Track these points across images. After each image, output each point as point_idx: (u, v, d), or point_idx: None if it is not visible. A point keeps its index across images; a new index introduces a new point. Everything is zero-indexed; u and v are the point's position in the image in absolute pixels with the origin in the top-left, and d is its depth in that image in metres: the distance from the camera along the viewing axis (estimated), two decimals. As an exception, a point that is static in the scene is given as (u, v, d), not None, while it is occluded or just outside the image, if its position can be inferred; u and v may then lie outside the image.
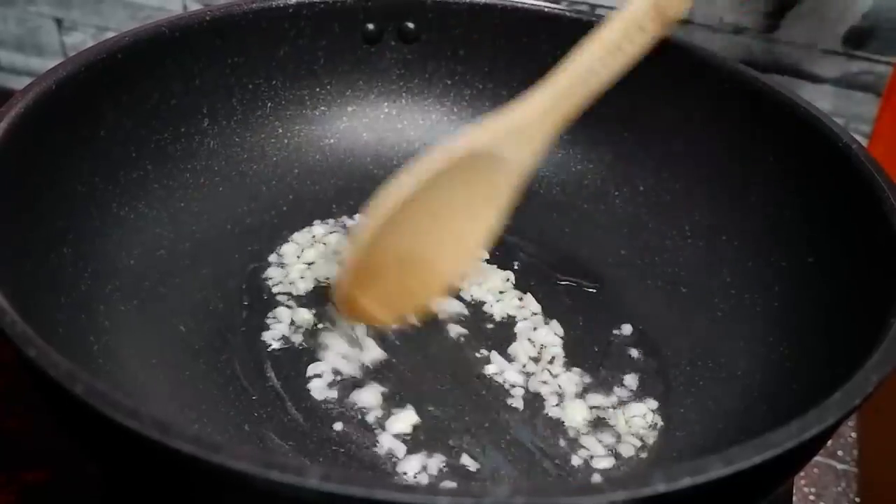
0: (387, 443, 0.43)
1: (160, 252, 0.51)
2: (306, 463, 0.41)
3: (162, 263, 0.50)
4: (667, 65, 0.56)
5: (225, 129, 0.57)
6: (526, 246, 0.57)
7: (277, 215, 0.57)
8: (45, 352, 0.31)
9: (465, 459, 0.43)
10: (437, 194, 0.42)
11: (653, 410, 0.46)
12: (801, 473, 0.49)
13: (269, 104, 0.59)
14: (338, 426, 0.44)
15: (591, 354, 0.49)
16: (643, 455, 0.44)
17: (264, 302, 0.51)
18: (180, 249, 0.52)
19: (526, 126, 0.43)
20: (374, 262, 0.43)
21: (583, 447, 0.44)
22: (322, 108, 0.61)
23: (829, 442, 0.50)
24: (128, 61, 0.50)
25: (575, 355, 0.49)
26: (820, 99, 0.66)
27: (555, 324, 0.51)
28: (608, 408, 0.47)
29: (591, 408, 0.46)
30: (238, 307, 0.50)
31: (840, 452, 0.51)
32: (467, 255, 0.46)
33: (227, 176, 0.57)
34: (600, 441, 0.45)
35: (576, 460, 0.44)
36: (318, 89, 0.61)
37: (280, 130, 0.60)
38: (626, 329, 0.51)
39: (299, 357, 0.48)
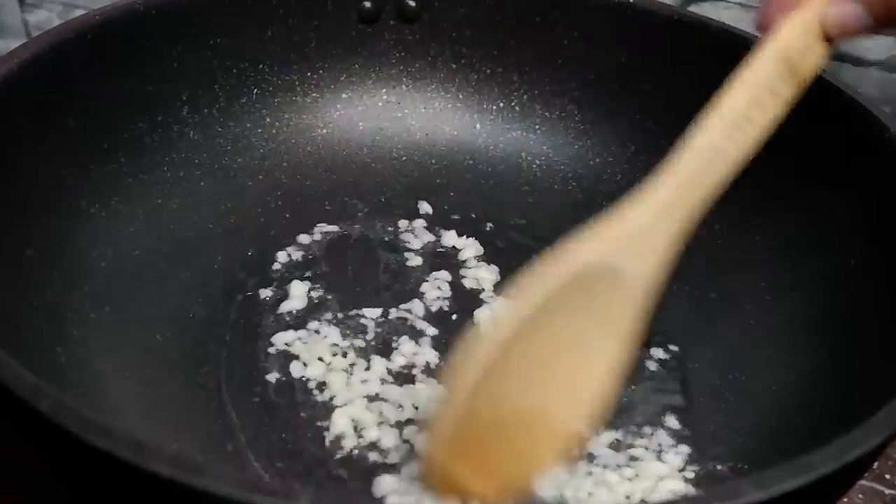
0: (373, 457, 0.44)
1: (135, 253, 0.51)
2: (295, 487, 0.41)
3: (137, 266, 0.50)
4: (696, 46, 0.56)
5: (207, 118, 0.57)
6: (538, 248, 0.57)
7: (265, 213, 0.57)
8: (7, 364, 0.31)
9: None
10: (544, 327, 0.35)
11: (676, 429, 0.46)
12: (844, 499, 0.49)
13: (255, 90, 0.59)
14: (331, 446, 0.44)
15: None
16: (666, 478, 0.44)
17: (249, 309, 0.51)
18: (157, 251, 0.52)
19: (646, 229, 0.37)
20: (471, 422, 0.35)
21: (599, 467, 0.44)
22: (314, 94, 0.61)
23: (875, 464, 0.50)
24: (98, 42, 0.50)
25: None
26: (865, 84, 0.66)
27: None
28: (627, 426, 0.46)
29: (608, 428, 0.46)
30: (221, 315, 0.50)
31: (888, 476, 0.50)
32: (589, 403, 0.37)
33: (209, 170, 0.57)
34: (618, 463, 0.45)
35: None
36: (309, 74, 0.61)
37: (268, 119, 0.60)
38: (647, 339, 0.51)
39: (288, 369, 0.48)
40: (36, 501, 0.45)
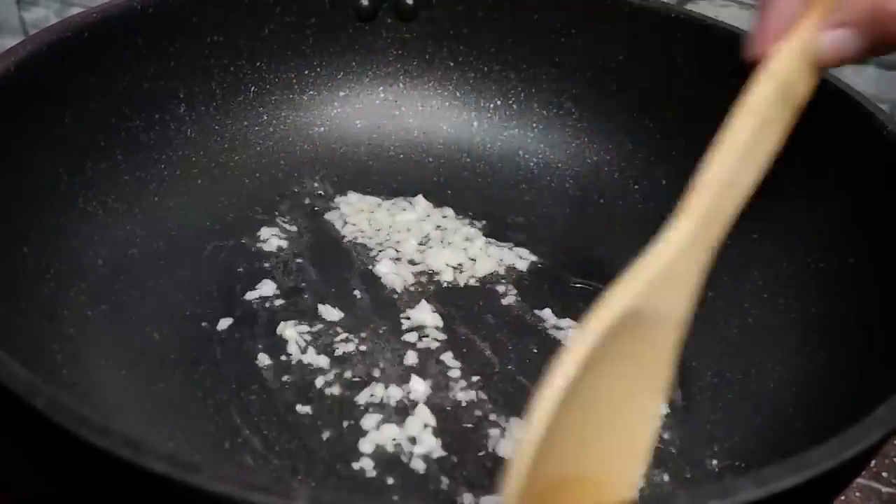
0: (373, 456, 0.44)
1: (131, 251, 0.51)
2: (292, 485, 0.41)
3: (133, 264, 0.50)
4: (693, 44, 0.56)
5: (203, 116, 0.57)
6: (536, 245, 0.57)
7: (262, 211, 0.57)
8: (2, 362, 0.31)
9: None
10: (589, 386, 0.34)
11: (676, 427, 0.46)
12: (842, 497, 0.49)
13: (252, 88, 0.59)
14: (327, 442, 0.44)
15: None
16: (665, 477, 0.44)
17: (246, 307, 0.51)
18: (154, 248, 0.52)
19: (672, 269, 0.37)
20: (534, 494, 0.34)
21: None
22: (311, 92, 0.61)
23: (873, 462, 0.50)
24: (96, 40, 0.50)
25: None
26: (862, 82, 0.66)
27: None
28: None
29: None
30: (217, 313, 0.50)
31: (885, 474, 0.50)
32: (635, 457, 0.38)
33: (206, 167, 0.57)
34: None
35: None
36: (306, 71, 0.61)
37: (264, 117, 0.60)
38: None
39: (284, 369, 0.48)
40: (32, 500, 0.45)
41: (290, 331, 0.49)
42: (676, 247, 0.37)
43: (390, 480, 0.43)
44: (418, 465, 0.43)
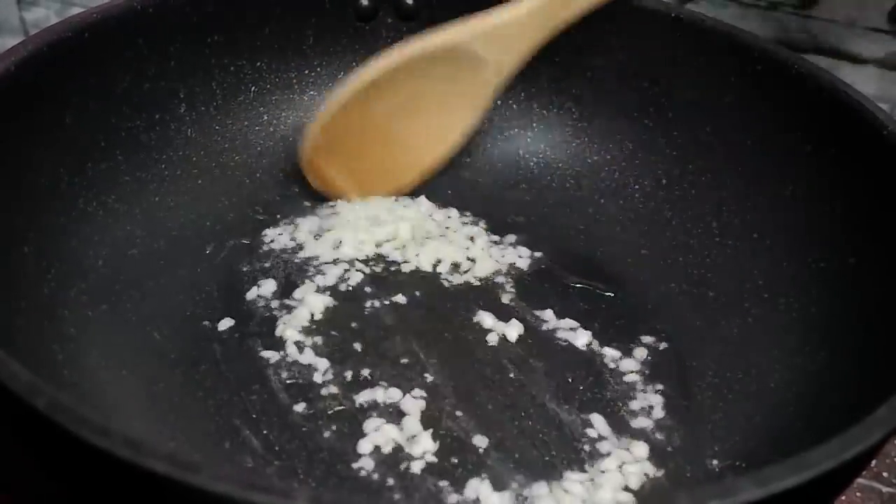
0: (374, 456, 0.44)
1: (132, 251, 0.51)
2: (293, 485, 0.41)
3: (134, 264, 0.50)
4: (694, 44, 0.56)
5: (204, 116, 0.57)
6: (536, 245, 0.57)
7: (262, 211, 0.57)
8: (3, 362, 0.31)
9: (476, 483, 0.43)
10: (415, 80, 0.48)
11: (676, 427, 0.46)
12: (842, 497, 0.49)
13: (252, 88, 0.59)
14: (327, 443, 0.44)
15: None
16: (665, 477, 0.44)
17: (246, 306, 0.51)
18: (154, 248, 0.52)
19: (511, 26, 0.46)
20: (347, 128, 0.48)
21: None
22: (311, 92, 0.61)
23: (873, 462, 0.49)
24: (96, 40, 0.50)
25: (591, 366, 0.49)
26: (862, 82, 0.66)
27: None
28: (625, 424, 0.46)
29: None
30: (218, 312, 0.50)
31: (885, 474, 0.50)
32: (441, 146, 0.52)
33: (207, 167, 0.57)
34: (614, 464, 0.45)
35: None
36: (306, 71, 0.61)
37: (265, 117, 0.60)
38: (647, 337, 0.51)
39: (285, 368, 0.48)
40: (32, 500, 0.45)
41: (290, 331, 0.49)
42: (524, 11, 0.47)
43: (390, 481, 0.43)
44: (418, 466, 0.43)
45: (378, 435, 0.44)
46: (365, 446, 0.44)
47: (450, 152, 0.55)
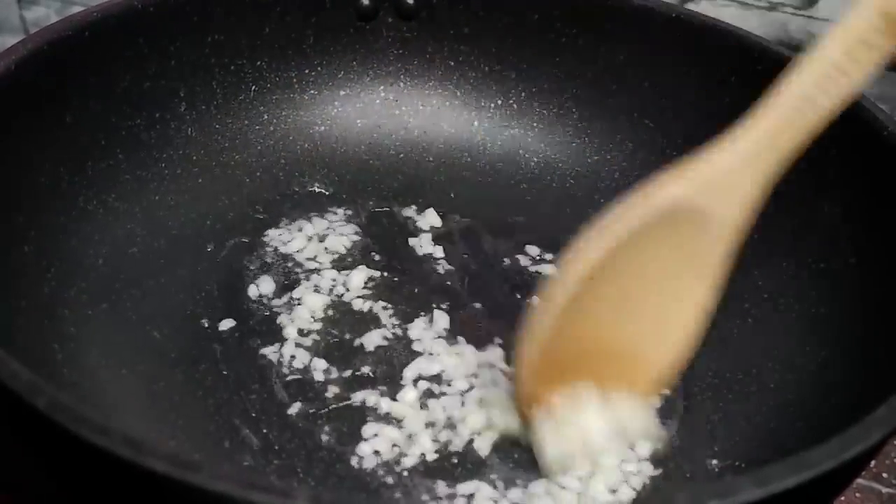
0: (373, 456, 0.44)
1: (132, 250, 0.51)
2: (293, 484, 0.41)
3: (134, 263, 0.50)
4: (694, 44, 0.56)
5: (204, 115, 0.57)
6: (535, 245, 0.57)
7: (262, 210, 0.57)
8: (3, 361, 0.31)
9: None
10: (630, 263, 0.36)
11: (676, 427, 0.46)
12: (842, 498, 0.49)
13: (252, 87, 0.59)
14: (327, 442, 0.44)
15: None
16: (665, 477, 0.44)
17: (246, 306, 0.51)
18: (154, 247, 0.52)
19: (734, 173, 0.37)
20: (557, 353, 0.37)
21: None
22: (311, 91, 0.61)
23: (873, 463, 0.49)
24: (96, 39, 0.50)
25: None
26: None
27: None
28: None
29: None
30: (218, 311, 0.50)
31: (885, 475, 0.50)
32: (673, 343, 0.39)
33: (207, 166, 0.57)
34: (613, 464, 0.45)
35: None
36: (307, 71, 0.61)
37: (265, 116, 0.60)
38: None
39: (285, 367, 0.48)
40: (32, 500, 0.45)
41: (290, 330, 0.49)
42: (741, 152, 0.37)
43: (389, 480, 0.43)
44: (417, 465, 0.43)
45: (377, 434, 0.45)
46: (364, 446, 0.44)
47: (685, 345, 0.40)
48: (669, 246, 0.37)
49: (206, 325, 0.49)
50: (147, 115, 0.54)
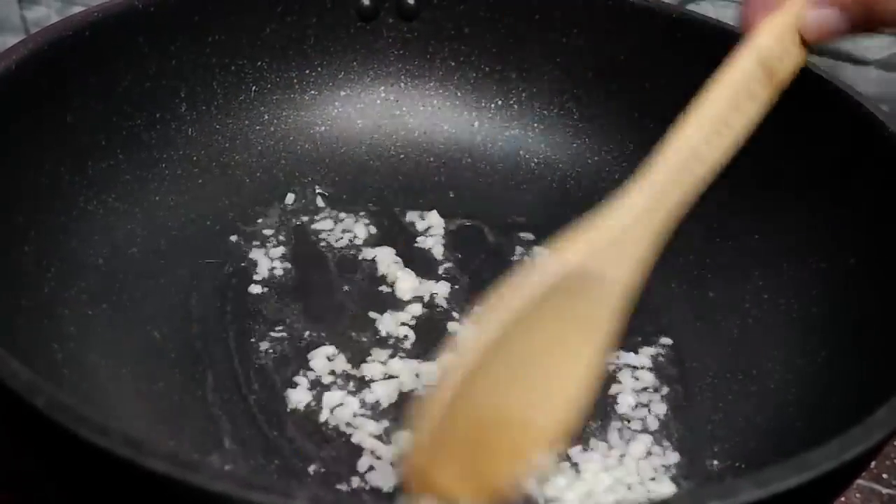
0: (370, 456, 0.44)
1: (132, 250, 0.51)
2: (293, 484, 0.41)
3: (134, 263, 0.50)
4: (694, 44, 0.56)
5: (204, 115, 0.57)
6: (535, 245, 0.56)
7: (263, 210, 0.57)
8: (2, 360, 0.30)
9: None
10: (522, 333, 0.35)
11: (676, 427, 0.46)
12: (842, 499, 0.49)
13: (253, 87, 0.59)
14: (328, 442, 0.44)
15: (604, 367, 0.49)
16: (665, 477, 0.44)
17: (247, 306, 0.51)
18: (154, 247, 0.52)
19: (624, 234, 0.37)
20: (452, 429, 0.35)
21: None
22: (312, 91, 0.61)
23: (873, 464, 0.49)
24: (97, 39, 0.50)
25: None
26: (863, 83, 0.66)
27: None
28: (625, 423, 0.46)
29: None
30: (218, 312, 0.50)
31: (885, 475, 0.50)
32: (567, 407, 0.38)
33: (207, 167, 0.57)
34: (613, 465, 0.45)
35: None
36: (307, 71, 0.61)
37: (266, 117, 0.60)
38: (647, 338, 0.51)
39: (286, 367, 0.48)
40: (32, 500, 0.45)
41: (291, 329, 0.49)
42: (631, 213, 0.37)
43: (391, 480, 0.43)
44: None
45: (379, 434, 0.45)
46: (365, 446, 0.44)
47: (574, 408, 0.38)
48: (560, 311, 0.36)
49: (206, 324, 0.49)
50: (147, 115, 0.54)
